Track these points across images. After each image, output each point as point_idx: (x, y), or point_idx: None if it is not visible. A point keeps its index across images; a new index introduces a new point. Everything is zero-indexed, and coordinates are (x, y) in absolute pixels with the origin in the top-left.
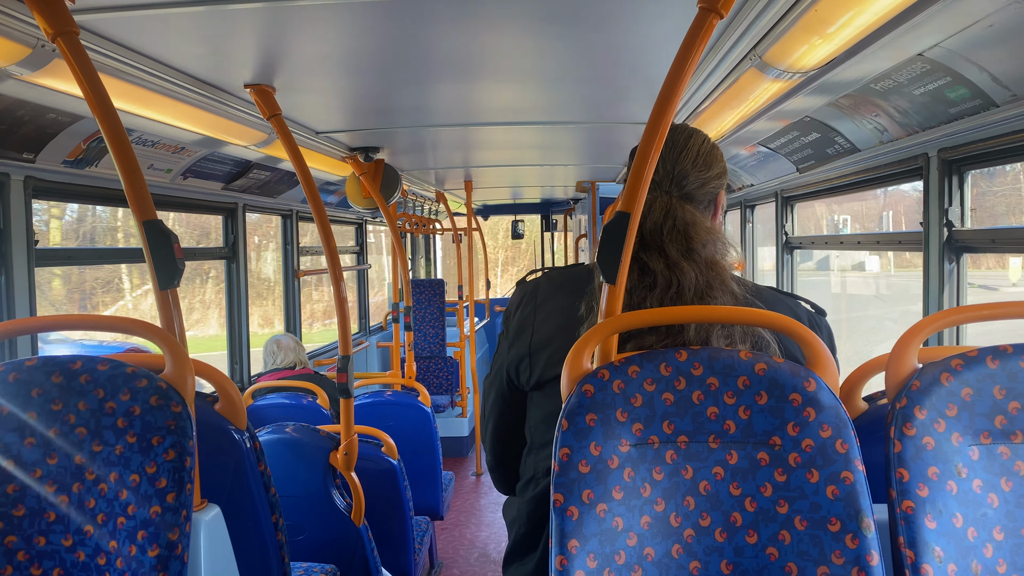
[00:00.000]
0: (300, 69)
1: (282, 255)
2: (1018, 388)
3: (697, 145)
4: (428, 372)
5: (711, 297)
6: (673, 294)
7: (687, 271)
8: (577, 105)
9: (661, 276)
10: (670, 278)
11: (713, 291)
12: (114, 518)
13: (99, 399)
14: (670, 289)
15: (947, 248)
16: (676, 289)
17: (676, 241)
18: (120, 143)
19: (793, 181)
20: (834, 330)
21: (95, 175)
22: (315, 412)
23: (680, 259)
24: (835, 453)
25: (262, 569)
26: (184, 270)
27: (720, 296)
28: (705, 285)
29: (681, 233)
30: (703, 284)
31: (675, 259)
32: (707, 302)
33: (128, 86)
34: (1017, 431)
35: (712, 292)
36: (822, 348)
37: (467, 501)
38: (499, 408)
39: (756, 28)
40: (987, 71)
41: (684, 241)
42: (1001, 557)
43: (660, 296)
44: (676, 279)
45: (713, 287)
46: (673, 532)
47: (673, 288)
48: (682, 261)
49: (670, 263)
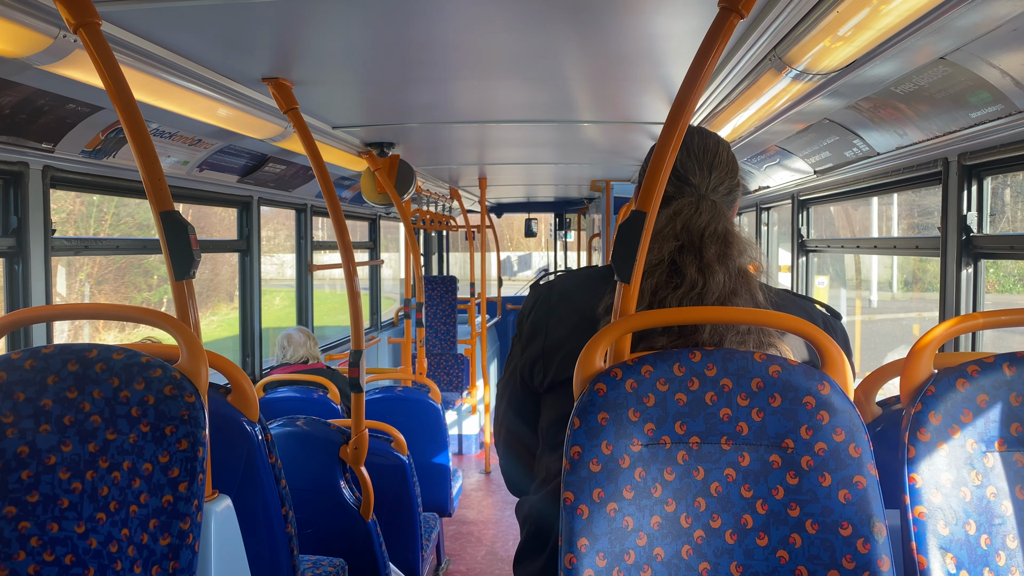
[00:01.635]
0: (317, 63)
1: (296, 249)
2: None
3: (725, 151)
4: (439, 369)
5: (732, 304)
6: (696, 295)
7: (717, 273)
8: (593, 104)
9: (689, 279)
10: (696, 279)
11: (737, 298)
12: (127, 506)
13: (114, 388)
14: (693, 290)
15: (964, 253)
16: (700, 291)
17: (714, 245)
18: (139, 134)
19: (809, 183)
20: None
21: (113, 165)
22: (326, 406)
23: (714, 262)
24: (848, 457)
25: (271, 560)
26: (200, 261)
27: (742, 304)
28: (730, 291)
29: (721, 239)
30: (728, 290)
31: (709, 262)
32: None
33: (147, 77)
34: None
35: (734, 300)
36: (836, 351)
37: (475, 498)
38: (513, 410)
39: (776, 28)
40: (1009, 75)
41: (723, 247)
42: (1014, 565)
43: (681, 296)
44: (703, 281)
45: (738, 293)
46: (683, 533)
47: (697, 289)
48: (715, 264)
49: (703, 266)
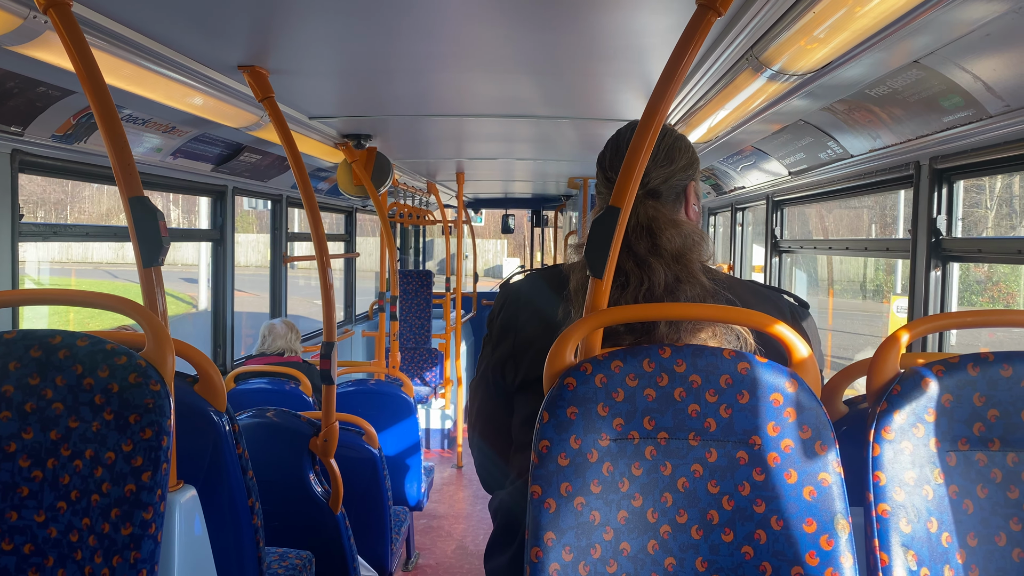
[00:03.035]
0: (295, 52)
1: (270, 240)
2: (997, 396)
3: (657, 141)
4: (412, 363)
5: (679, 291)
6: (645, 291)
7: (656, 268)
8: (571, 99)
9: (632, 275)
10: (641, 276)
11: (681, 285)
12: (88, 495)
13: (77, 375)
14: (642, 287)
15: (933, 256)
16: (648, 287)
17: (642, 239)
18: (109, 118)
19: (784, 184)
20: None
21: (84, 151)
22: (298, 398)
23: (648, 256)
24: (814, 454)
25: (236, 552)
26: (169, 248)
27: (688, 289)
28: (673, 280)
29: (645, 230)
30: (671, 279)
31: (643, 256)
32: (676, 296)
33: (120, 62)
34: (995, 438)
35: (680, 286)
36: (805, 349)
37: (447, 493)
38: (486, 410)
39: (754, 28)
40: (981, 80)
41: (649, 238)
42: (974, 563)
43: (633, 294)
44: (647, 277)
45: (681, 280)
46: (649, 528)
47: (645, 286)
48: (650, 258)
49: (639, 261)
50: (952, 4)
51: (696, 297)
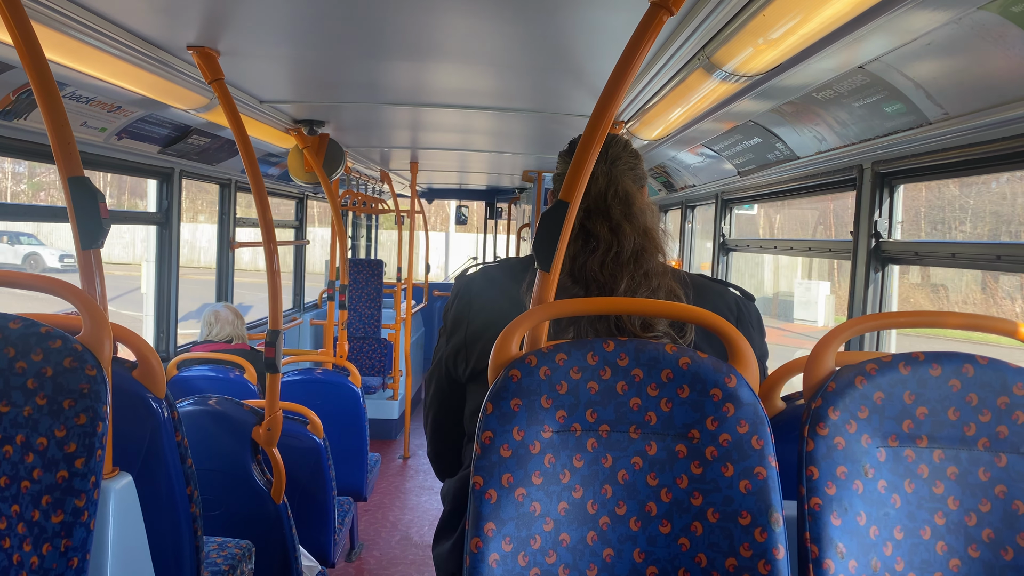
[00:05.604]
0: (246, 33)
1: (218, 225)
2: (927, 394)
3: (623, 142)
4: (361, 353)
5: (643, 259)
6: (613, 255)
7: (628, 234)
8: (527, 93)
9: (603, 240)
10: (611, 241)
11: (646, 254)
12: (18, 481)
13: (9, 358)
14: (611, 251)
15: (873, 258)
16: (616, 250)
17: (620, 204)
18: (49, 95)
19: (733, 184)
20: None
21: (23, 128)
22: (242, 387)
23: (623, 221)
24: (750, 449)
25: (173, 540)
26: (109, 231)
27: (651, 259)
28: (640, 248)
29: (622, 199)
30: (639, 246)
31: (618, 221)
32: (640, 264)
33: (63, 37)
34: (923, 435)
35: (645, 255)
36: (745, 345)
37: (393, 483)
38: (439, 400)
39: (705, 28)
40: (923, 88)
41: (626, 206)
42: (900, 555)
43: (601, 258)
44: (617, 241)
45: (647, 250)
46: (589, 519)
47: (614, 250)
48: (624, 223)
49: (613, 226)
50: (897, 12)
51: (658, 267)
